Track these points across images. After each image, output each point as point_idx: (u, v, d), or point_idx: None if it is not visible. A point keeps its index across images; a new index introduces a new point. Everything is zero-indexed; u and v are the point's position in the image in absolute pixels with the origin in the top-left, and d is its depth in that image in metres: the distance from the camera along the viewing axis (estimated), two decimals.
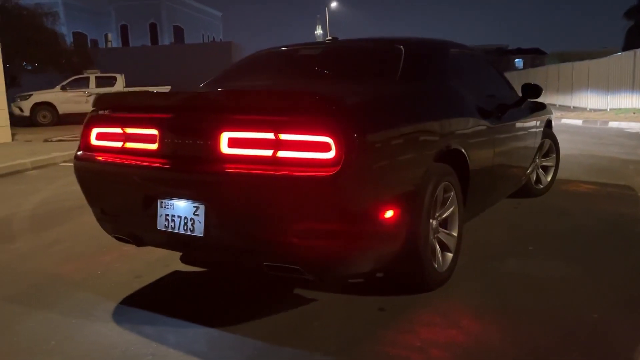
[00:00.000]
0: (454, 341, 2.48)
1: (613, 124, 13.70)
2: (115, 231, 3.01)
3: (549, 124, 5.49)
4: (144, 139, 2.79)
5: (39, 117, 18.21)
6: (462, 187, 3.29)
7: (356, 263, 2.60)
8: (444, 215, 3.13)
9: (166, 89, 19.76)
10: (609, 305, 2.83)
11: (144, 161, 2.75)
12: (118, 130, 2.89)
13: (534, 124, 4.82)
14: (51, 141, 12.13)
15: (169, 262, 3.57)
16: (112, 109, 2.99)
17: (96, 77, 19.31)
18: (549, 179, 5.55)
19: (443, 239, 3.13)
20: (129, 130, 2.85)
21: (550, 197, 5.36)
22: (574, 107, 22.93)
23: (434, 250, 3.02)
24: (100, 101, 3.03)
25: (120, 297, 3.06)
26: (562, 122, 15.57)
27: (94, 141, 3.02)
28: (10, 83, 23.47)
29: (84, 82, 19.14)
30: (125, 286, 3.23)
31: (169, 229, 2.67)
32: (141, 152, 2.80)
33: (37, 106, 18.28)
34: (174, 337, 2.58)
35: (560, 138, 11.00)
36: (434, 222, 3.02)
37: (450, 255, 3.17)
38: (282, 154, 2.39)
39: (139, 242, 2.93)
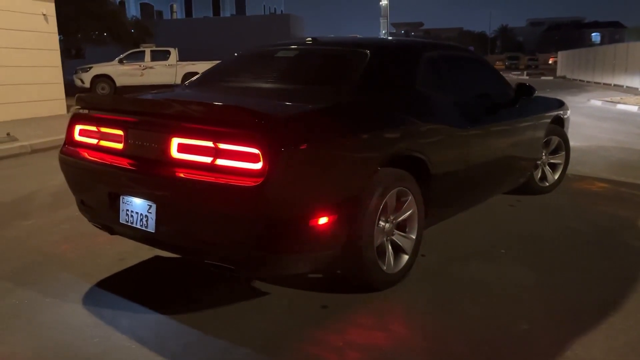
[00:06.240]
0: (375, 344, 2.62)
1: None
2: (92, 220, 3.33)
3: (558, 121, 5.37)
4: (113, 138, 3.06)
5: (98, 89, 19.15)
6: (426, 190, 3.37)
7: (289, 266, 2.77)
8: (400, 219, 3.24)
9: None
10: (545, 318, 2.87)
11: (112, 159, 3.02)
12: (94, 128, 3.17)
13: (532, 122, 4.74)
14: None
15: None
16: (91, 109, 3.26)
17: (151, 51, 20.04)
18: (556, 177, 5.45)
19: (398, 241, 3.24)
20: (103, 130, 3.12)
21: (553, 196, 5.29)
22: None
23: (384, 252, 3.14)
24: (81, 100, 3.31)
25: (97, 279, 3.38)
26: (617, 107, 14.85)
27: (76, 137, 3.32)
28: (75, 55, 24.79)
29: (140, 56, 19.93)
30: (106, 268, 3.55)
31: (129, 223, 2.94)
32: (110, 150, 3.07)
33: (96, 78, 19.23)
34: (126, 321, 2.85)
35: (604, 127, 10.69)
36: (387, 225, 3.14)
37: (405, 257, 3.28)
38: (220, 162, 2.58)
39: (111, 231, 3.23)
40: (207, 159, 2.61)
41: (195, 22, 41.51)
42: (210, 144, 2.59)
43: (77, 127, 3.31)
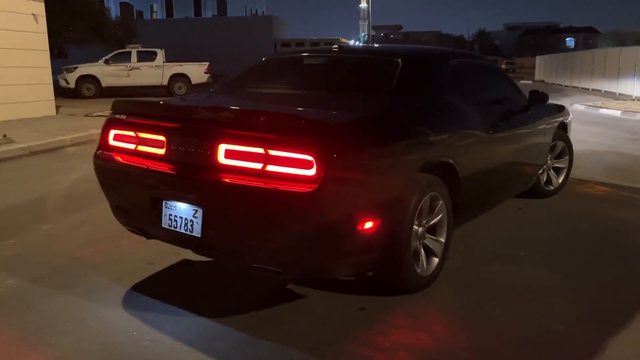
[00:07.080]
0: (420, 344, 2.72)
1: None
2: (128, 224, 3.35)
3: (562, 126, 5.54)
4: (154, 144, 3.08)
5: (83, 90, 18.94)
6: (454, 194, 3.48)
7: (334, 269, 2.86)
8: (431, 223, 3.34)
9: (204, 64, 20.19)
10: (577, 318, 2.99)
11: (153, 165, 3.05)
12: (132, 134, 3.19)
13: (542, 128, 4.91)
14: (91, 116, 12.68)
15: (180, 250, 3.88)
16: (127, 114, 3.28)
17: (137, 52, 19.86)
18: (560, 180, 5.63)
19: (429, 245, 3.34)
20: (141, 135, 3.15)
21: (559, 199, 5.45)
22: (619, 94, 22.27)
23: (418, 255, 3.23)
24: (118, 106, 3.33)
25: (131, 283, 3.40)
26: (600, 112, 15.24)
27: (111, 142, 3.33)
28: (57, 54, 24.37)
29: (126, 56, 19.73)
30: (137, 272, 3.57)
31: (172, 228, 2.98)
32: (151, 155, 3.09)
33: (81, 79, 19.00)
34: (171, 325, 2.89)
35: (592, 132, 10.95)
36: (420, 229, 3.24)
37: (436, 259, 3.38)
38: (270, 168, 2.63)
39: (148, 235, 3.26)
40: (257, 165, 2.66)
41: (176, 22, 41.19)
42: (260, 150, 2.64)
43: (112, 132, 3.32)
